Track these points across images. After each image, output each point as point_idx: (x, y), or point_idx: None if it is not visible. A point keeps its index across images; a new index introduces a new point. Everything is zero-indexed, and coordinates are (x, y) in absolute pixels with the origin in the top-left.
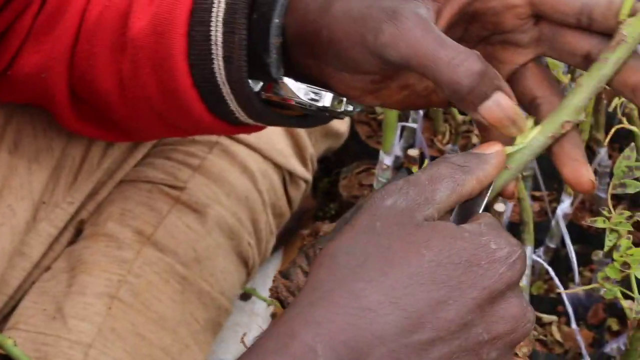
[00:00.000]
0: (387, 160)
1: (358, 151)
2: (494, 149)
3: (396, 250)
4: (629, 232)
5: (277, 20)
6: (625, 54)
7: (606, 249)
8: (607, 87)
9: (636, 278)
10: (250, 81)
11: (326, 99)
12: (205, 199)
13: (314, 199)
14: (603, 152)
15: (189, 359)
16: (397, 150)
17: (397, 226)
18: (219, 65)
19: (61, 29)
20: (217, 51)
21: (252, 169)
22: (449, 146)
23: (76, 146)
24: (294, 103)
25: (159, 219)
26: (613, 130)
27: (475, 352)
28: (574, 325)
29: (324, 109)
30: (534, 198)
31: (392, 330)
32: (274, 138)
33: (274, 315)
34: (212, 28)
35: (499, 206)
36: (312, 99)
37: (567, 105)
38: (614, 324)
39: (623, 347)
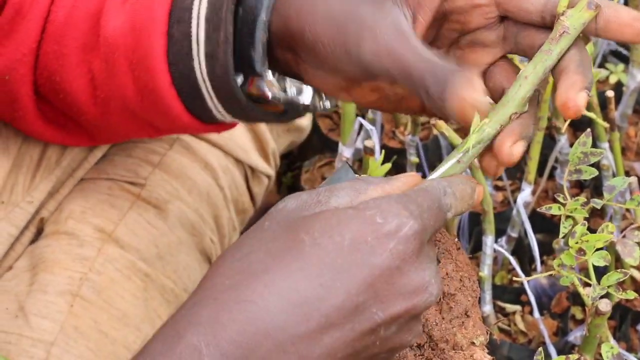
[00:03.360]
0: (346, 152)
1: (320, 145)
2: (412, 178)
3: (279, 243)
4: (586, 219)
5: (264, 17)
6: (567, 44)
7: (561, 235)
8: None
9: (595, 265)
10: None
11: (306, 94)
12: (166, 195)
13: (278, 194)
14: (563, 140)
15: None
16: (358, 143)
17: (283, 222)
18: (199, 62)
19: (23, 32)
20: (199, 48)
21: (213, 165)
22: (409, 137)
23: (33, 145)
24: (273, 97)
25: (120, 216)
26: None
27: (372, 331)
28: (537, 314)
29: (306, 106)
30: (497, 188)
31: (276, 323)
32: (235, 134)
33: None
34: (192, 26)
35: None
36: (293, 94)
37: (514, 98)
38: (577, 312)
39: None
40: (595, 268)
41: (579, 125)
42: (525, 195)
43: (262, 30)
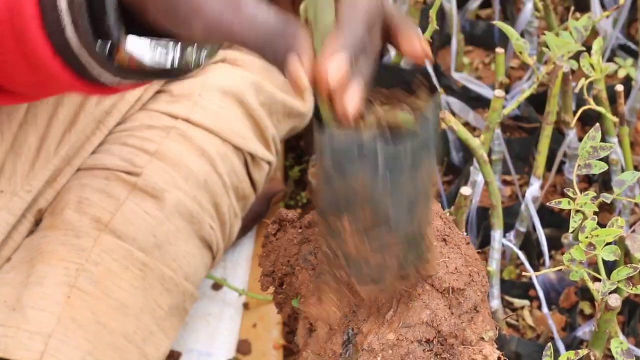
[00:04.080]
0: None
1: None
2: None
3: None
4: (595, 214)
5: None
6: None
7: (571, 230)
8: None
9: (604, 260)
10: (100, 42)
11: (176, 52)
12: (163, 183)
13: (285, 183)
14: (572, 134)
15: (153, 345)
16: None
17: None
18: (71, 31)
19: None
20: (66, 18)
21: (211, 153)
22: None
23: (32, 133)
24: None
25: (117, 206)
26: (580, 111)
27: None
28: (545, 309)
29: (179, 63)
30: (505, 182)
31: None
32: (232, 121)
33: (245, 305)
34: None
35: (464, 189)
36: (163, 54)
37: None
38: (586, 307)
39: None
40: (603, 263)
41: (587, 119)
42: (534, 189)
43: None
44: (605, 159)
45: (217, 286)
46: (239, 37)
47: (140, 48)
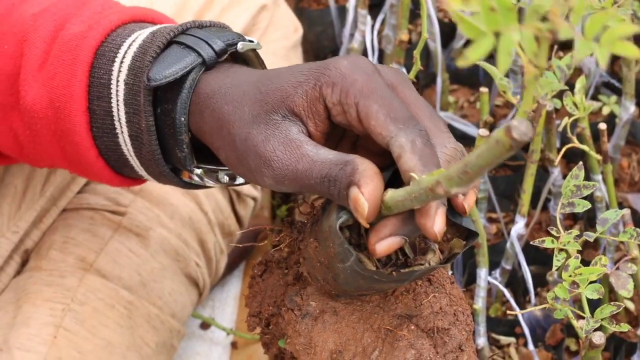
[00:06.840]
0: None
1: None
2: None
3: None
4: (580, 250)
5: (182, 119)
6: None
7: (554, 268)
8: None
9: (587, 297)
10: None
11: (240, 179)
12: (147, 222)
13: (272, 221)
14: (556, 172)
15: None
16: None
17: None
18: (124, 140)
19: None
20: (122, 128)
21: (195, 191)
22: None
23: (17, 175)
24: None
25: (101, 245)
26: (564, 149)
27: None
28: (531, 346)
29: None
30: (491, 220)
31: None
32: None
33: (233, 344)
34: (112, 105)
35: None
36: (229, 181)
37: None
38: (572, 344)
39: None
40: (587, 301)
41: (572, 156)
42: (519, 227)
43: (185, 133)
44: (590, 197)
45: (205, 325)
46: (305, 176)
47: (206, 181)
